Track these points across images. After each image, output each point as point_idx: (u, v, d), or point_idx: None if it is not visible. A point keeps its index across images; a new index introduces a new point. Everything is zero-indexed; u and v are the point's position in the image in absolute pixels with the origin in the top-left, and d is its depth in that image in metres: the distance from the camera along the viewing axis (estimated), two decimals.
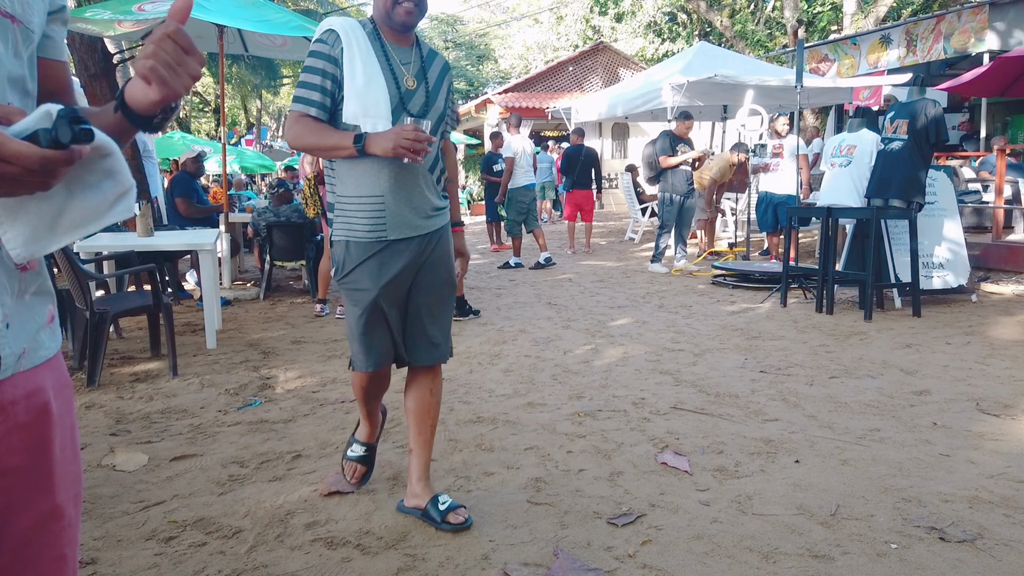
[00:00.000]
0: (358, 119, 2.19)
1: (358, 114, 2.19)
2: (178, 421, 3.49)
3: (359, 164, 2.22)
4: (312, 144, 2.26)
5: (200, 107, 29.85)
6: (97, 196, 0.90)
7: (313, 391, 3.97)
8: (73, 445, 1.03)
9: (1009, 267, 7.34)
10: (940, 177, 6.41)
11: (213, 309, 5.07)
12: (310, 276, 7.06)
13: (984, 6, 10.33)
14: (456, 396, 3.80)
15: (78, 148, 0.81)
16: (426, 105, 2.30)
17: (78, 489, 1.03)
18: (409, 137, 2.05)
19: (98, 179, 0.89)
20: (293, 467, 2.92)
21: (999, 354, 4.53)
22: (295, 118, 2.23)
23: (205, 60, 1.02)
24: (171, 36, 0.93)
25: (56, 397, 0.98)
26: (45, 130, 0.80)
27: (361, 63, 2.21)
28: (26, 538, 0.94)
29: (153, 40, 0.93)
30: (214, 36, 6.94)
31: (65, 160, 0.80)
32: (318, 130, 2.21)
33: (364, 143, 2.11)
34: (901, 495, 2.57)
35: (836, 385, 3.92)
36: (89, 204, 0.89)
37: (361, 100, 2.20)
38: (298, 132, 2.23)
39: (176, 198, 7.27)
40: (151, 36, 0.95)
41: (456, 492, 2.65)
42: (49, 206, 0.87)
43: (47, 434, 0.96)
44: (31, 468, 0.94)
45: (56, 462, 0.97)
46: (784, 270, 6.43)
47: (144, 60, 0.92)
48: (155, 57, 0.92)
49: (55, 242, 0.89)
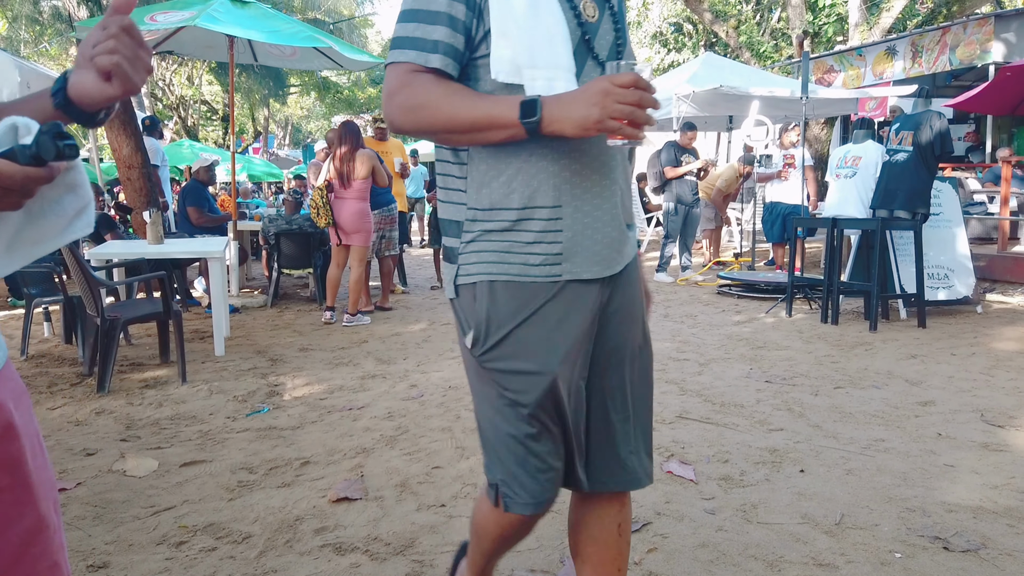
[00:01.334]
0: (517, 73, 1.28)
1: (519, 64, 1.27)
2: (187, 427, 3.53)
3: (517, 154, 1.30)
4: (443, 119, 1.27)
5: (208, 115, 30.06)
6: (57, 212, 0.84)
7: (321, 398, 4.00)
8: (42, 452, 0.99)
9: (1014, 278, 7.33)
10: (945, 188, 6.43)
11: (222, 316, 5.11)
12: (317, 284, 7.11)
13: (990, 18, 10.36)
14: (463, 404, 3.82)
15: (58, 164, 0.76)
16: (618, 45, 1.40)
17: (55, 494, 1.01)
18: (628, 99, 1.15)
19: (59, 193, 0.83)
20: (301, 473, 2.95)
21: (1004, 365, 4.53)
22: (402, 77, 1.28)
23: (153, 55, 0.98)
24: (127, 30, 0.89)
25: (16, 408, 0.93)
26: (24, 146, 0.74)
27: None
28: (19, 554, 0.92)
29: (110, 34, 0.89)
30: (225, 46, 7.02)
31: (46, 178, 0.76)
32: (449, 94, 1.26)
33: (542, 114, 1.20)
34: (905, 505, 2.58)
35: (841, 395, 3.93)
36: (48, 221, 0.83)
37: (524, 39, 1.27)
38: (414, 100, 1.27)
39: (188, 207, 7.34)
40: (103, 28, 0.89)
41: (463, 499, 2.68)
42: (6, 226, 0.80)
43: (17, 449, 0.92)
44: (9, 487, 0.91)
45: (31, 474, 0.94)
46: (789, 280, 6.45)
47: (107, 55, 0.88)
48: (119, 52, 0.88)
49: (11, 264, 0.83)
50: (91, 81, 0.90)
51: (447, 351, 5.13)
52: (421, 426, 3.50)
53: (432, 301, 7.42)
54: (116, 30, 0.88)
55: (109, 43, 0.88)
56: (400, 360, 4.87)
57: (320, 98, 29.19)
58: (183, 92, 25.47)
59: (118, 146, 7.25)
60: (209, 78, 26.09)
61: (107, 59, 0.88)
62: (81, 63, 0.92)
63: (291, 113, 37.49)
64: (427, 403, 3.87)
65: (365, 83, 31.67)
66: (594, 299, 1.37)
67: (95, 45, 0.89)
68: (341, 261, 6.23)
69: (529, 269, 1.32)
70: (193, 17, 6.15)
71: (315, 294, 7.24)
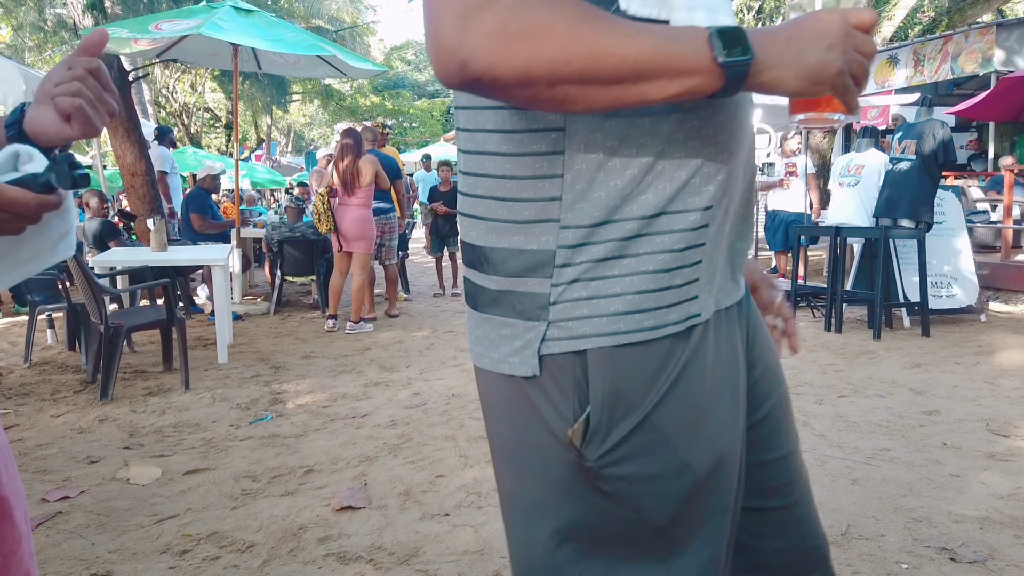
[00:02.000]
0: (662, 3, 0.78)
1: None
2: (191, 435, 3.52)
3: (658, 131, 0.80)
4: (580, 55, 0.67)
5: (211, 123, 30.14)
6: (44, 234, 0.84)
7: (324, 406, 4.00)
8: (11, 463, 0.98)
9: (1018, 287, 7.32)
10: (948, 197, 6.43)
11: (225, 324, 5.12)
12: (320, 291, 7.12)
13: (991, 27, 10.39)
14: (466, 412, 3.82)
15: (66, 192, 0.76)
16: None
17: (25, 504, 0.99)
18: (868, 48, 0.77)
19: (48, 217, 0.83)
20: (305, 482, 2.95)
21: (1008, 374, 4.52)
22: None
23: (119, 99, 0.95)
24: (93, 73, 0.87)
25: None
26: (36, 175, 0.75)
27: None
28: (1, 567, 0.92)
29: (76, 76, 0.86)
30: (229, 54, 7.04)
31: (56, 205, 0.76)
32: (586, 15, 0.69)
33: (755, 54, 0.71)
34: (912, 515, 2.57)
35: (845, 404, 3.92)
36: (36, 243, 0.84)
37: None
38: (523, 20, 0.67)
39: (192, 213, 7.36)
40: (68, 68, 0.88)
41: (468, 508, 2.67)
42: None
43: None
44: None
45: (5, 487, 0.93)
46: (793, 288, 6.44)
47: (69, 97, 0.86)
48: (81, 95, 0.86)
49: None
50: (50, 120, 0.87)
51: (450, 359, 5.13)
52: (424, 434, 3.50)
53: (435, 308, 7.42)
54: (82, 72, 0.86)
55: (73, 85, 0.86)
56: (403, 368, 4.87)
57: (323, 106, 29.27)
58: (186, 99, 25.55)
59: (122, 153, 7.28)
60: (212, 85, 26.17)
61: (68, 101, 0.86)
62: (41, 99, 0.89)
63: (294, 120, 37.58)
64: (430, 411, 3.87)
65: (368, 91, 31.78)
66: (737, 341, 0.93)
67: (58, 84, 0.87)
68: (343, 268, 6.23)
69: (665, 313, 0.82)
70: (198, 26, 6.17)
71: (318, 301, 7.24)
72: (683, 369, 0.84)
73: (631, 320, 0.81)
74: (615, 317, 0.81)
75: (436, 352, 5.36)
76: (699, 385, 0.85)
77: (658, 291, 0.82)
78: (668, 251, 0.82)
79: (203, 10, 7.09)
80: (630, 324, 0.81)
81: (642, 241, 0.81)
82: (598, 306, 0.81)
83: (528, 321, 0.84)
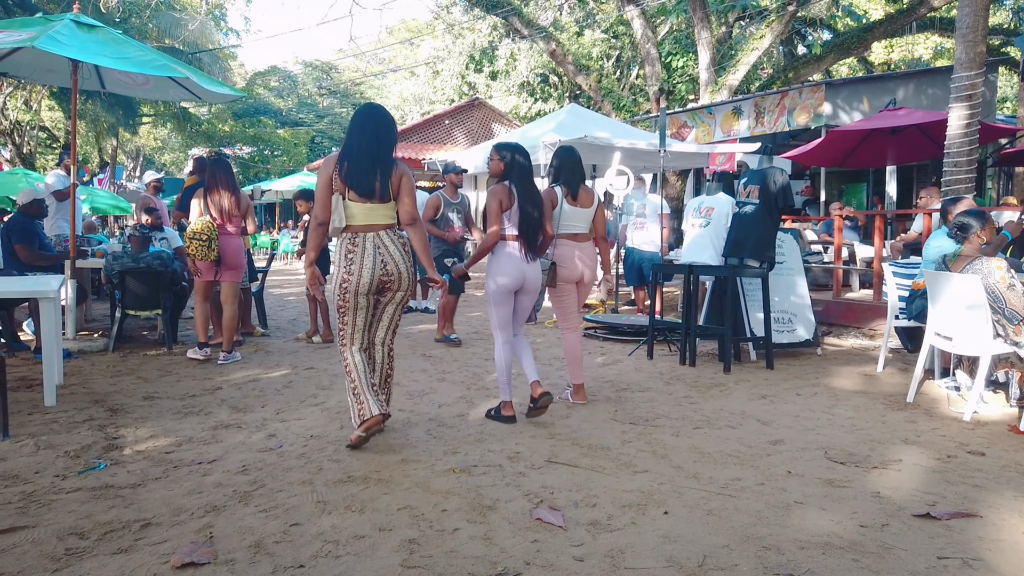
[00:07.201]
0: None
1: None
2: (7, 488, 3.13)
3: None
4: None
5: (48, 143, 27.87)
6: None
7: (167, 451, 3.68)
8: None
9: (848, 322, 7.99)
10: (788, 239, 6.95)
11: (53, 362, 4.64)
12: (167, 326, 6.64)
13: (821, 85, 11.49)
14: (325, 455, 3.64)
15: None
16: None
17: None
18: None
19: None
20: (141, 537, 2.68)
21: (842, 404, 4.88)
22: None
23: None
24: None
25: None
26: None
27: None
28: None
29: None
30: (68, 71, 6.52)
31: None
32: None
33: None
34: (762, 543, 2.68)
35: (700, 435, 4.08)
36: None
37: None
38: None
39: (16, 244, 6.67)
40: None
41: (324, 558, 2.52)
42: None
43: None
44: None
45: None
46: (650, 324, 6.69)
47: None
48: None
49: None
50: None
51: (309, 397, 4.90)
52: (279, 479, 3.29)
53: (294, 344, 7.11)
54: None
55: None
56: (257, 408, 4.60)
57: (178, 128, 27.82)
58: (19, 117, 23.53)
59: None
60: (50, 103, 24.28)
61: None
62: None
63: (143, 143, 35.47)
64: (286, 454, 3.66)
65: (227, 116, 30.51)
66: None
67: None
68: (209, 296, 6.22)
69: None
70: (32, 38, 5.68)
71: (163, 336, 6.74)
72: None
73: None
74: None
75: (294, 390, 5.11)
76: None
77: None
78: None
79: (39, 22, 6.53)
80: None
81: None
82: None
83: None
